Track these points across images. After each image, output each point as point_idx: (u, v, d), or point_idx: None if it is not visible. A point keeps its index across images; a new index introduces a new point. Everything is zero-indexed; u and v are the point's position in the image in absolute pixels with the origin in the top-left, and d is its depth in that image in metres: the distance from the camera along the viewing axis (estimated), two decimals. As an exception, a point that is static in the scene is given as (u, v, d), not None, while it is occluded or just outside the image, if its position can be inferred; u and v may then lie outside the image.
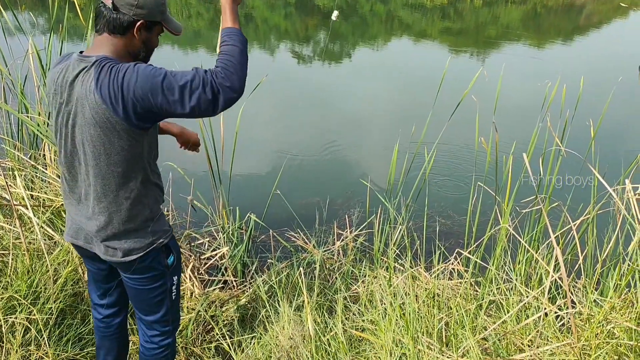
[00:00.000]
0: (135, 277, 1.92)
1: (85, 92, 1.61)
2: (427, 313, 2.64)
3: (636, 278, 2.47)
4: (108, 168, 1.71)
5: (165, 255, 1.95)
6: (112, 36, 1.68)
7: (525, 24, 16.54)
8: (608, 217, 2.93)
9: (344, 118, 6.93)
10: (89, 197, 1.80)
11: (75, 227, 1.90)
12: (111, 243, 1.83)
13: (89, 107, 1.61)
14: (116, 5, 1.64)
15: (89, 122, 1.64)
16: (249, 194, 4.62)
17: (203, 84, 1.57)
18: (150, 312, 2.04)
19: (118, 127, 1.63)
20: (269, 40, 12.49)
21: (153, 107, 1.58)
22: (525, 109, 6.83)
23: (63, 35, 3.75)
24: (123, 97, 1.57)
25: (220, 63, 1.62)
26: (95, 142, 1.67)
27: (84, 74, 1.62)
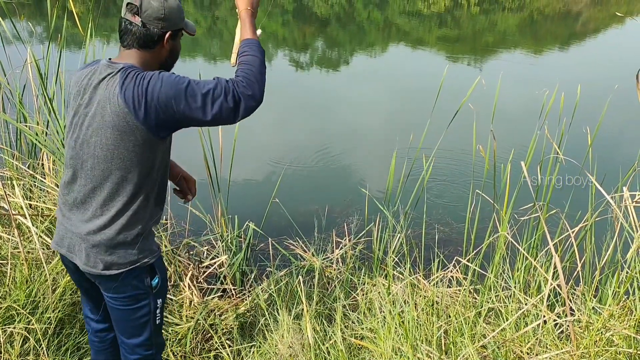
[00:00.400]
0: (116, 296, 1.87)
1: (109, 95, 1.64)
2: (426, 321, 2.64)
3: (635, 285, 2.47)
4: (119, 173, 1.72)
5: (150, 276, 1.89)
6: (142, 50, 1.75)
7: (522, 31, 16.62)
8: (606, 224, 2.94)
9: (342, 125, 6.94)
10: (89, 201, 1.77)
11: (61, 234, 1.86)
12: (96, 252, 1.78)
13: (110, 110, 1.64)
14: (145, 22, 1.70)
15: (108, 125, 1.66)
16: (247, 202, 4.62)
17: (225, 92, 1.63)
18: (132, 335, 1.97)
19: (137, 132, 1.65)
20: (266, 48, 12.52)
21: (175, 113, 1.63)
22: (523, 116, 6.86)
23: (62, 44, 3.76)
24: (146, 102, 1.61)
25: (242, 72, 1.69)
26: (110, 146, 1.68)
27: (109, 79, 1.66)
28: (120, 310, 1.91)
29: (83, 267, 1.82)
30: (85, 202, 1.79)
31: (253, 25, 1.87)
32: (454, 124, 3.52)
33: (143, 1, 1.71)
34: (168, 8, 1.74)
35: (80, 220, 1.80)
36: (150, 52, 1.76)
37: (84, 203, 1.79)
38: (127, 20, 1.72)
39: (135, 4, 1.71)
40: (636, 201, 2.52)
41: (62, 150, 3.40)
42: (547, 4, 22.15)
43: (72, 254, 1.84)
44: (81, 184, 1.78)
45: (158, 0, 1.72)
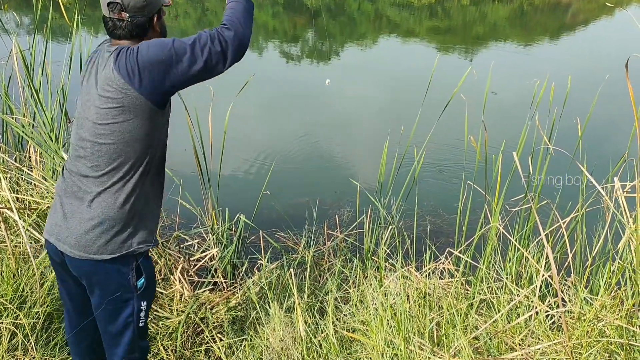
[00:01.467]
0: (99, 292, 1.83)
1: (107, 73, 1.69)
2: (419, 313, 2.63)
3: (626, 276, 2.48)
4: (117, 147, 1.72)
5: (136, 275, 1.85)
6: (138, 38, 1.80)
7: (512, 23, 16.63)
8: (597, 214, 2.95)
9: (333, 117, 6.91)
10: (88, 179, 1.77)
11: (54, 220, 1.83)
12: (90, 234, 1.75)
13: (108, 85, 1.68)
14: (132, 15, 1.75)
15: (108, 100, 1.69)
16: (238, 194, 4.59)
17: (211, 38, 1.69)
18: (114, 337, 1.93)
19: (137, 103, 1.68)
20: (257, 39, 12.44)
21: (167, 71, 1.66)
22: (514, 107, 6.86)
23: (47, 34, 3.70)
24: (139, 67, 1.66)
25: (226, 18, 1.77)
26: (111, 122, 1.70)
27: (107, 59, 1.72)
28: (103, 311, 1.87)
29: (71, 251, 1.77)
30: (82, 180, 1.78)
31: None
32: (445, 115, 3.51)
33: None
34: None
35: (75, 197, 1.79)
36: (145, 37, 1.82)
37: (80, 182, 1.78)
38: (113, 19, 1.77)
39: (117, 1, 1.74)
40: (627, 191, 2.52)
41: (49, 143, 3.35)
42: (537, -6, 22.19)
43: (60, 241, 1.79)
44: (81, 165, 1.78)
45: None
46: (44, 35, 3.78)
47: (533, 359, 2.15)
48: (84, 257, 1.77)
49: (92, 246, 1.76)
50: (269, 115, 6.78)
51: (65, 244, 1.79)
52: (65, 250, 1.79)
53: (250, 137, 5.96)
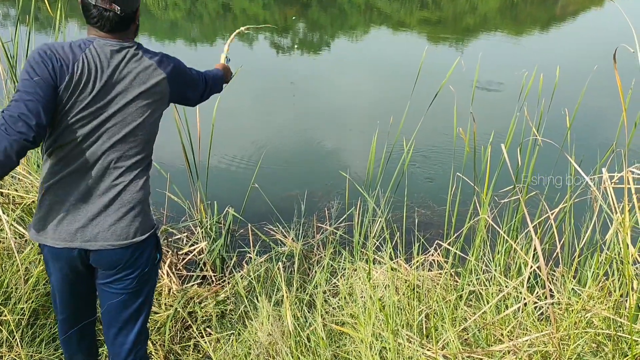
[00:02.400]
0: (127, 276, 1.88)
1: (147, 70, 1.81)
2: (407, 305, 2.63)
3: (614, 267, 2.48)
4: (146, 141, 1.87)
5: (157, 248, 1.98)
6: (122, 32, 1.81)
7: (503, 14, 16.64)
8: (585, 206, 2.95)
9: (322, 109, 6.88)
10: (117, 170, 1.81)
11: (74, 226, 1.79)
12: (123, 222, 1.81)
13: (150, 83, 1.81)
14: (123, 9, 1.76)
15: (150, 96, 1.82)
16: (227, 187, 4.56)
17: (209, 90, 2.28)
18: (131, 323, 1.96)
19: (165, 99, 1.91)
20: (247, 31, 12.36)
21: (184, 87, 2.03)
22: (503, 98, 6.87)
23: (30, 25, 3.64)
24: (177, 74, 1.94)
25: (216, 80, 2.34)
26: (147, 115, 1.83)
27: (130, 57, 1.79)
28: (125, 294, 1.91)
29: (111, 245, 1.80)
30: (97, 181, 1.80)
31: (224, 67, 2.56)
32: (434, 106, 3.49)
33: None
34: None
35: (97, 195, 1.80)
36: (128, 29, 1.83)
37: (95, 182, 1.79)
38: (100, 7, 1.73)
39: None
40: (615, 182, 2.52)
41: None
42: (528, -14, 22.19)
43: (93, 241, 1.80)
44: (112, 159, 1.79)
45: None
46: (27, 26, 3.72)
47: (521, 351, 2.15)
48: (124, 244, 1.82)
49: (129, 232, 1.83)
50: (258, 108, 6.73)
51: (98, 241, 1.80)
52: (100, 246, 1.80)
53: (239, 130, 5.92)
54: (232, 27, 12.69)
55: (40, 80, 1.61)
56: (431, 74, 3.78)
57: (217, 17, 13.98)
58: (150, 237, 1.91)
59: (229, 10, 14.83)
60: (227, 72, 2.54)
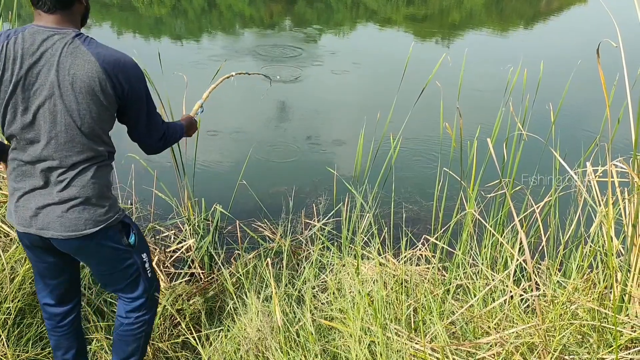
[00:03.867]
0: (96, 261, 1.94)
1: (82, 62, 1.67)
2: (396, 299, 2.64)
3: (598, 259, 2.52)
4: (91, 134, 1.76)
5: (125, 234, 1.96)
6: (64, 11, 1.72)
7: (488, 10, 16.73)
8: (570, 199, 2.99)
9: (310, 105, 6.88)
10: (63, 167, 1.77)
11: (28, 213, 1.80)
12: (74, 214, 1.79)
13: (87, 76, 1.68)
14: None
15: (83, 90, 1.69)
16: (214, 184, 4.55)
17: (163, 142, 2.05)
18: (128, 290, 2.06)
19: (107, 95, 1.73)
20: (233, 27, 12.30)
21: (133, 110, 1.86)
22: (489, 93, 6.92)
23: (13, 23, 3.59)
24: (124, 83, 1.76)
25: (169, 135, 2.07)
26: (83, 109, 1.72)
27: (69, 46, 1.67)
28: (102, 275, 2.01)
29: (63, 235, 1.80)
30: (53, 167, 1.77)
31: (188, 121, 2.32)
32: (421, 102, 3.51)
33: None
34: None
35: (56, 188, 1.78)
36: (70, 10, 1.74)
37: (58, 169, 1.77)
38: None
39: None
40: (598, 175, 2.55)
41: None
42: (513, -19, 22.31)
43: (46, 229, 1.80)
44: (51, 153, 1.75)
45: None
46: (10, 21, 3.67)
47: (508, 342, 2.17)
48: (77, 235, 1.82)
49: (78, 224, 1.81)
50: (245, 103, 6.71)
51: (50, 230, 1.80)
52: (55, 235, 1.81)
53: (226, 126, 5.90)
54: (217, 24, 12.66)
55: None
56: (418, 70, 3.80)
57: (203, 14, 13.89)
58: (107, 229, 1.88)
59: (215, 7, 14.74)
60: (191, 127, 2.34)
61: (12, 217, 1.86)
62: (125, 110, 1.83)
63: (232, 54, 8.90)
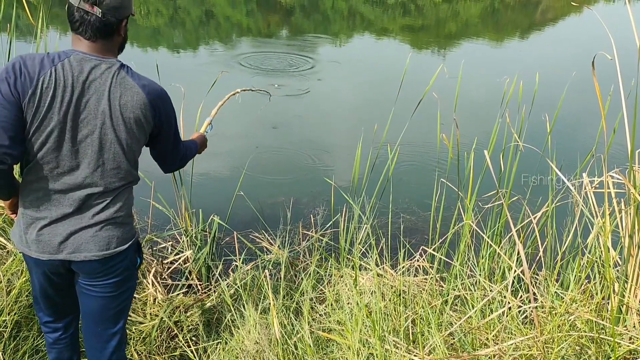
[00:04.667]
0: (106, 281, 1.89)
1: (129, 92, 1.73)
2: (394, 311, 2.64)
3: (595, 270, 2.53)
4: (128, 162, 1.82)
5: (138, 254, 2.00)
6: (103, 40, 1.75)
7: (484, 20, 16.85)
8: (566, 210, 3.00)
9: (307, 116, 6.90)
10: (99, 191, 1.79)
11: (57, 239, 1.78)
12: (106, 233, 1.82)
13: (136, 107, 1.74)
14: (104, 13, 1.70)
15: (128, 120, 1.75)
16: (212, 195, 4.55)
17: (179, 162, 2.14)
18: (111, 323, 1.98)
19: (147, 126, 1.81)
20: (230, 37, 12.36)
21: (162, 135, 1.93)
22: (486, 104, 6.95)
23: (11, 34, 3.60)
24: (160, 113, 1.84)
25: (185, 153, 2.15)
26: (128, 139, 1.78)
27: (117, 77, 1.72)
28: (103, 298, 1.93)
29: (97, 256, 1.81)
30: (96, 193, 1.79)
31: (201, 139, 2.41)
32: (419, 113, 3.53)
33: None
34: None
35: (91, 212, 1.80)
36: (110, 40, 1.77)
37: (98, 195, 1.79)
38: (82, 10, 1.69)
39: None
40: (595, 187, 2.56)
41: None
42: (508, -8, 22.51)
43: (78, 252, 1.80)
44: (96, 180, 1.77)
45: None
46: (8, 34, 3.68)
47: (506, 354, 2.17)
48: (104, 255, 1.83)
49: (110, 242, 1.84)
50: (242, 113, 6.72)
51: (81, 252, 1.81)
52: (84, 257, 1.81)
53: (223, 136, 5.90)
54: (215, 34, 12.70)
55: (2, 98, 1.60)
56: (413, 80, 3.82)
57: (200, 24, 13.95)
58: (130, 247, 1.92)
59: (212, 17, 14.81)
60: (202, 145, 2.40)
61: (30, 247, 1.80)
62: (157, 136, 1.90)
63: (230, 65, 8.93)
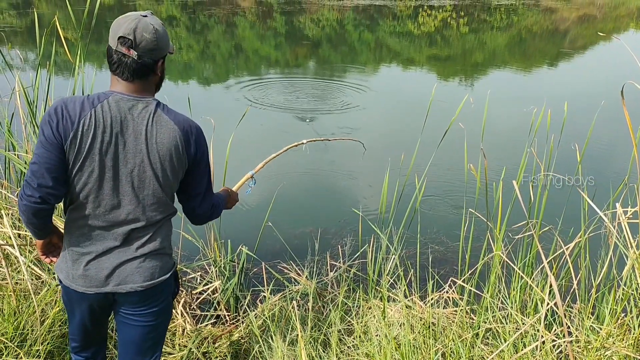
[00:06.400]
0: (149, 310, 1.93)
1: (166, 129, 1.80)
2: (423, 344, 2.60)
3: (632, 303, 2.45)
4: (168, 196, 1.89)
5: (176, 283, 2.06)
6: (141, 80, 1.81)
7: (511, 50, 16.82)
8: (600, 240, 2.93)
9: (334, 146, 6.94)
10: (142, 224, 1.85)
11: (104, 273, 1.84)
12: (150, 263, 1.88)
13: (172, 144, 1.80)
14: (140, 54, 1.76)
15: (168, 156, 1.81)
16: (240, 225, 4.58)
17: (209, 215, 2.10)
18: (150, 351, 2.03)
19: (183, 160, 1.86)
20: (259, 70, 12.61)
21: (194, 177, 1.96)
22: (514, 133, 6.89)
23: (51, 70, 3.76)
24: (196, 153, 1.89)
25: (212, 208, 2.10)
26: (168, 173, 1.84)
27: (153, 115, 1.79)
28: (144, 327, 1.96)
29: (143, 286, 1.87)
30: (139, 228, 1.85)
31: (229, 197, 2.37)
32: (446, 142, 3.52)
33: (136, 35, 1.74)
34: (159, 38, 1.79)
35: (136, 245, 1.86)
36: (147, 79, 1.83)
37: (141, 229, 1.86)
38: (120, 53, 1.76)
39: (129, 37, 1.73)
40: (629, 217, 2.50)
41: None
42: (535, 22, 22.47)
43: (124, 284, 1.86)
44: (138, 216, 1.83)
45: (150, 32, 1.75)
46: (48, 71, 3.84)
47: (540, 390, 2.11)
48: (149, 285, 1.89)
49: (155, 272, 1.89)
50: (271, 144, 6.81)
51: (128, 283, 1.86)
52: (130, 288, 1.86)
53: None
54: (244, 67, 12.98)
55: (45, 141, 1.68)
56: (442, 109, 3.83)
57: (230, 57, 14.29)
58: (172, 275, 1.98)
59: (241, 51, 15.16)
60: (231, 200, 2.39)
61: (77, 282, 1.85)
62: (190, 172, 1.93)
63: (259, 97, 9.09)
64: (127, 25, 1.73)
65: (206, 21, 19.85)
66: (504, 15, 23.94)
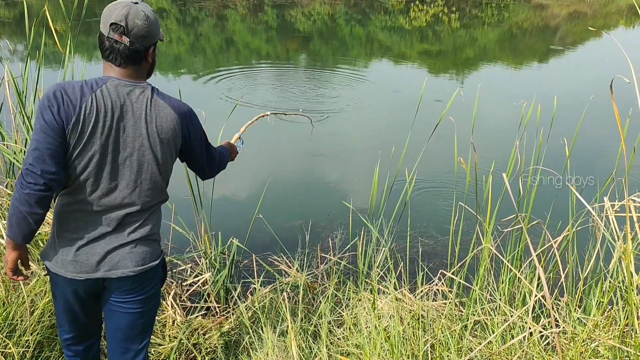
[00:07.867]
0: (139, 296, 1.93)
1: (162, 114, 1.84)
2: (412, 335, 2.62)
3: (618, 295, 2.48)
4: (163, 181, 1.93)
5: (164, 269, 2.08)
6: (132, 66, 1.82)
7: (502, 46, 16.89)
8: (587, 234, 2.96)
9: (325, 139, 6.95)
10: (135, 210, 1.86)
11: (95, 258, 1.83)
12: (142, 249, 1.89)
13: (170, 127, 1.85)
14: (132, 41, 1.77)
15: (165, 141, 1.85)
16: (231, 218, 4.58)
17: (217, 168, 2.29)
18: (139, 339, 2.02)
19: (178, 143, 1.92)
20: (250, 63, 12.56)
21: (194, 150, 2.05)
22: (503, 128, 6.94)
23: (40, 61, 3.73)
24: (189, 132, 1.96)
25: (217, 162, 2.25)
26: (165, 158, 1.88)
27: (151, 100, 1.82)
28: (133, 314, 1.96)
29: (134, 271, 1.87)
30: (133, 212, 1.86)
31: (232, 148, 2.58)
32: (436, 137, 3.54)
33: (128, 21, 1.74)
34: (151, 24, 1.80)
35: (128, 230, 1.87)
36: (139, 66, 1.84)
37: (135, 213, 1.87)
38: (112, 39, 1.76)
39: (121, 24, 1.74)
40: (616, 210, 2.54)
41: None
42: (526, 18, 22.57)
43: (116, 269, 1.86)
44: (134, 200, 1.85)
45: (142, 19, 1.77)
46: (37, 62, 3.81)
47: (527, 381, 2.14)
48: (140, 270, 1.89)
49: (145, 258, 1.91)
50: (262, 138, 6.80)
51: (119, 269, 1.86)
52: (122, 274, 1.87)
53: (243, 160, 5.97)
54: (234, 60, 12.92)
55: (46, 126, 1.67)
56: (432, 104, 3.84)
57: (220, 51, 14.22)
58: (161, 261, 2.00)
59: (232, 44, 15.09)
60: (232, 151, 2.57)
61: (67, 268, 1.84)
62: (189, 150, 2.01)
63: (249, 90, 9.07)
64: (119, 11, 1.74)
65: (197, 14, 19.73)
66: (495, 11, 24.01)
